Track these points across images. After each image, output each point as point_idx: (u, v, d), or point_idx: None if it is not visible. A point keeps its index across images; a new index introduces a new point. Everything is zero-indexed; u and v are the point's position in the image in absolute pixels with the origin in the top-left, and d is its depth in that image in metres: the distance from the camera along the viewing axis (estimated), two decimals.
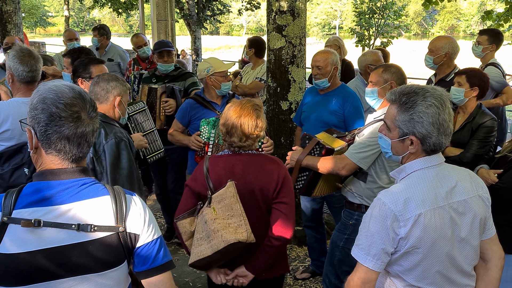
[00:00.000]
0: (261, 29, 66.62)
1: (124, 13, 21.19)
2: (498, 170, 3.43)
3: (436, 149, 2.07)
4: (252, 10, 19.12)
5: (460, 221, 2.05)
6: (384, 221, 1.98)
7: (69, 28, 17.91)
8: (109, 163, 2.89)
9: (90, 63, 3.53)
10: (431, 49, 4.74)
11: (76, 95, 1.69)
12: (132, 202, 1.78)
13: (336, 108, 4.17)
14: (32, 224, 1.60)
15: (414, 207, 1.97)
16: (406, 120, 2.06)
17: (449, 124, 2.05)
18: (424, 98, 2.03)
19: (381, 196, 2.03)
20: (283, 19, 4.77)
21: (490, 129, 3.78)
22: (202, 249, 2.61)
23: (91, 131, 1.71)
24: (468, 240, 2.08)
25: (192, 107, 4.30)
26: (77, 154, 1.70)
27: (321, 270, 4.53)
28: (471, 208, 2.08)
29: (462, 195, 2.08)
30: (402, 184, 2.08)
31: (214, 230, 2.57)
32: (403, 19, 21.38)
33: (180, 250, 5.13)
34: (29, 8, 41.70)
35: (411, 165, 2.10)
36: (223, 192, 2.62)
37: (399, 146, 2.13)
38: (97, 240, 1.67)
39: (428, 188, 2.02)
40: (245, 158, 2.78)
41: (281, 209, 2.72)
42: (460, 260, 2.08)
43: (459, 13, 66.85)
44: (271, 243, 2.72)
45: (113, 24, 74.71)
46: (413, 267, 2.04)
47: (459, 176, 2.12)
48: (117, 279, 1.76)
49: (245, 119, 2.73)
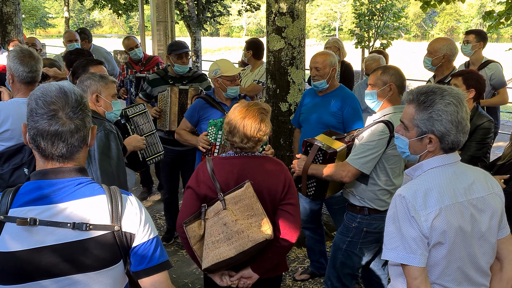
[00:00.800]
0: (261, 31, 66.65)
1: (124, 14, 21.19)
2: (505, 176, 3.44)
3: (454, 147, 2.09)
4: (252, 12, 19.14)
5: (479, 217, 2.07)
6: (408, 214, 1.99)
7: (69, 29, 17.93)
8: (99, 152, 2.92)
9: (89, 64, 3.55)
10: (429, 51, 4.76)
11: (60, 94, 1.70)
12: (128, 201, 1.79)
13: (335, 110, 4.18)
14: (28, 223, 1.61)
15: (434, 201, 1.99)
16: (425, 118, 2.08)
17: (467, 122, 2.08)
18: (443, 97, 2.06)
19: (400, 192, 2.05)
20: (283, 20, 4.78)
21: (487, 130, 3.80)
22: (221, 251, 2.60)
23: (69, 131, 1.68)
24: (487, 237, 2.09)
25: (201, 107, 4.30)
26: (53, 152, 1.70)
27: (320, 272, 4.54)
28: (490, 205, 2.10)
29: (480, 192, 2.10)
30: (420, 179, 2.09)
31: (238, 231, 2.58)
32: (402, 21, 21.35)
33: (179, 252, 5.14)
34: (29, 9, 41.68)
35: (428, 162, 2.12)
36: (242, 193, 2.63)
37: (417, 145, 2.15)
38: (92, 239, 1.68)
39: (446, 184, 2.04)
40: (251, 160, 2.79)
41: (289, 210, 2.76)
42: (479, 257, 2.09)
43: (458, 15, 66.91)
44: (280, 244, 2.75)
45: (113, 25, 74.77)
46: (436, 263, 2.04)
47: (475, 174, 2.15)
48: (113, 278, 1.76)
49: (248, 121, 2.73)
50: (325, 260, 4.53)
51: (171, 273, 4.70)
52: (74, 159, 1.75)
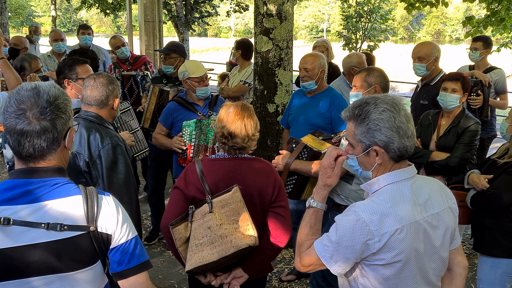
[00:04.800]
0: (249, 32, 66.63)
1: (111, 14, 21.08)
2: (489, 176, 3.47)
3: (403, 154, 2.00)
4: (240, 12, 19.16)
5: (433, 234, 2.01)
6: (356, 235, 1.92)
7: (55, 28, 17.79)
8: (106, 167, 2.85)
9: (75, 64, 3.51)
10: (421, 57, 4.66)
11: (31, 94, 1.68)
12: (105, 202, 1.78)
13: (323, 111, 4.19)
14: (1, 222, 1.60)
15: (391, 222, 1.91)
16: (364, 131, 2.00)
17: (408, 126, 1.99)
18: (376, 106, 1.98)
19: (357, 209, 1.96)
20: (271, 22, 4.78)
21: (475, 133, 3.84)
22: (204, 254, 2.59)
23: (36, 131, 1.66)
24: (439, 252, 2.05)
25: (174, 109, 4.34)
26: (20, 151, 1.69)
27: (306, 273, 4.54)
28: (443, 221, 2.05)
29: (435, 208, 2.03)
30: (379, 198, 2.00)
31: (221, 235, 2.56)
32: (389, 23, 21.50)
33: (166, 252, 5.11)
34: (15, 7, 41.33)
35: (384, 178, 2.03)
36: (229, 197, 2.60)
37: (366, 160, 2.06)
38: (67, 240, 1.67)
39: (405, 203, 1.96)
40: (244, 162, 2.78)
41: (280, 212, 2.77)
42: (429, 272, 2.05)
43: (445, 18, 67.42)
44: (272, 246, 2.75)
45: (101, 24, 74.27)
46: (386, 279, 1.99)
47: (431, 189, 2.08)
48: (90, 279, 1.75)
49: (248, 120, 2.75)
50: None
51: (158, 274, 4.68)
52: (46, 159, 1.72)
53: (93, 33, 7.31)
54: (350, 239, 1.93)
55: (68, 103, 1.77)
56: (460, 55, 24.42)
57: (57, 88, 1.76)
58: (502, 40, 13.49)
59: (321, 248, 2.03)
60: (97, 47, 7.29)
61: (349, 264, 1.99)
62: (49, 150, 1.71)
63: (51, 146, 1.71)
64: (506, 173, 3.39)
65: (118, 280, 1.80)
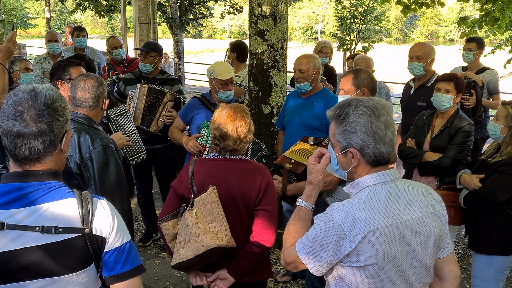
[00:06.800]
0: (243, 33, 66.64)
1: (106, 15, 21.04)
2: (480, 175, 3.50)
3: (379, 159, 1.98)
4: (234, 14, 19.14)
5: (413, 239, 1.97)
6: (328, 235, 1.92)
7: (50, 30, 17.73)
8: (97, 169, 2.86)
9: (69, 65, 3.51)
10: (419, 56, 4.69)
11: (29, 96, 1.68)
12: (99, 205, 1.77)
13: (318, 112, 4.20)
14: None
15: (363, 224, 1.89)
16: (342, 132, 2.00)
17: (387, 132, 1.96)
18: (356, 108, 1.98)
19: (332, 210, 1.97)
20: (265, 23, 4.80)
21: (468, 133, 3.84)
22: (183, 252, 2.63)
23: (32, 134, 1.66)
24: (421, 258, 2.01)
25: (195, 107, 4.33)
26: (16, 154, 1.69)
27: (301, 273, 4.55)
28: (426, 226, 2.01)
29: (416, 213, 1.99)
30: (355, 200, 2.01)
31: (195, 234, 2.59)
32: (384, 24, 21.57)
33: (161, 254, 5.12)
34: (9, 9, 41.16)
35: (363, 180, 2.03)
36: (205, 197, 2.64)
37: (344, 161, 2.06)
38: (62, 242, 1.66)
39: (379, 206, 1.94)
40: (231, 163, 2.79)
41: (262, 216, 2.74)
42: (411, 278, 2.01)
43: (439, 19, 67.68)
44: (252, 250, 2.73)
45: (95, 26, 74.13)
46: (362, 281, 1.97)
47: (413, 193, 2.04)
48: (84, 282, 1.74)
49: (240, 122, 2.77)
50: None
51: (153, 276, 4.68)
52: (42, 162, 1.72)
53: (87, 35, 7.31)
54: (323, 238, 1.94)
55: (65, 106, 1.77)
56: (453, 56, 24.54)
57: (54, 91, 1.75)
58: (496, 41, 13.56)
59: (300, 246, 2.05)
60: (92, 49, 7.29)
61: (324, 264, 1.98)
62: (46, 153, 1.71)
63: (48, 149, 1.71)
64: (497, 172, 3.42)
65: (111, 284, 1.80)
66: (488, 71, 5.68)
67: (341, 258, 1.94)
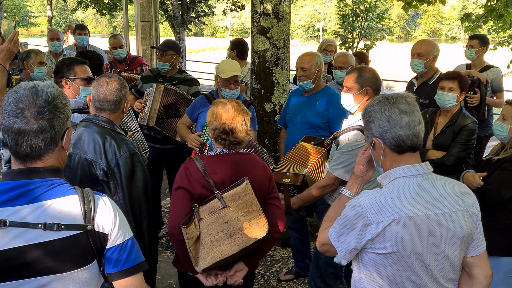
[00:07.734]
0: (245, 31, 66.63)
1: (107, 14, 21.03)
2: (483, 174, 3.48)
3: (399, 144, 2.03)
4: (236, 12, 19.14)
5: (439, 233, 1.99)
6: (356, 220, 2.00)
7: (52, 28, 17.74)
8: (124, 176, 2.81)
9: (73, 63, 3.50)
10: (420, 53, 4.67)
11: (30, 93, 1.67)
12: (101, 202, 1.77)
13: (321, 110, 4.20)
14: None
15: (388, 212, 1.94)
16: (366, 126, 2.14)
17: (402, 116, 2.02)
18: (374, 101, 2.11)
19: (360, 197, 2.04)
20: (268, 21, 4.78)
21: (472, 131, 3.83)
22: (222, 249, 2.61)
23: (33, 131, 1.65)
24: (445, 254, 2.02)
25: (202, 104, 4.32)
26: (17, 151, 1.68)
27: (304, 272, 4.54)
28: (455, 223, 2.01)
29: (445, 208, 2.01)
30: (384, 189, 2.06)
31: (240, 228, 2.63)
32: (386, 22, 21.59)
33: (163, 252, 5.11)
34: (11, 8, 41.19)
35: (394, 171, 2.07)
36: (242, 190, 2.67)
37: (376, 154, 2.15)
38: (65, 239, 1.66)
39: (406, 196, 1.98)
40: (245, 156, 2.88)
41: (275, 203, 2.90)
42: (435, 271, 2.02)
43: (441, 17, 67.57)
44: (272, 236, 2.81)
45: (97, 25, 74.15)
46: (383, 269, 2.01)
47: (445, 188, 2.06)
48: (87, 279, 1.74)
49: (246, 115, 2.85)
50: (310, 260, 4.54)
51: (156, 274, 4.67)
52: (44, 160, 1.72)
53: (89, 33, 7.30)
54: (351, 222, 2.02)
55: (66, 103, 1.76)
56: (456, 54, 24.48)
57: (55, 88, 1.75)
58: (499, 38, 13.51)
59: (332, 230, 2.14)
60: (93, 48, 7.28)
61: (351, 247, 2.05)
62: (47, 150, 1.70)
63: (49, 146, 1.70)
64: (500, 169, 3.39)
65: (114, 280, 1.80)
66: (492, 69, 5.64)
67: (365, 243, 2.00)
